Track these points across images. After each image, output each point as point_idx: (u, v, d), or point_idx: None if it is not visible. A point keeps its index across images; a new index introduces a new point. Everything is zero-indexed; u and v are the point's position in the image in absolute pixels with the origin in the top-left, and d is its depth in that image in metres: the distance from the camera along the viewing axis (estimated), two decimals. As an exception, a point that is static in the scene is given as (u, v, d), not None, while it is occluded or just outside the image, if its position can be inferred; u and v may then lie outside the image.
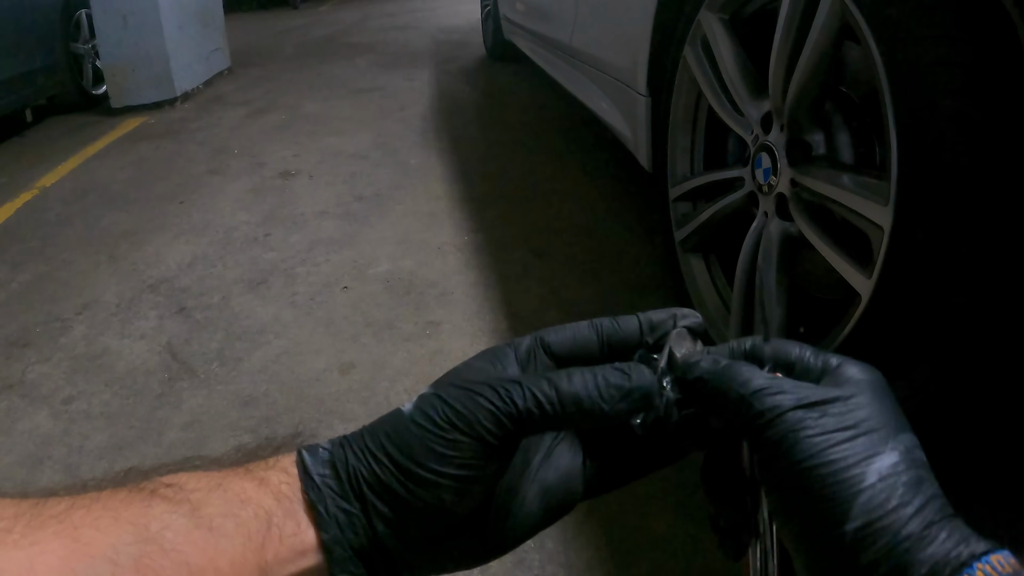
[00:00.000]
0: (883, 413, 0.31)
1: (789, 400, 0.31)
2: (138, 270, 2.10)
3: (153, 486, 0.32)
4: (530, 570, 1.03)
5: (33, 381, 1.61)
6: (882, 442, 0.30)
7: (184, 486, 0.32)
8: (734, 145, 1.37)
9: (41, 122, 4.00)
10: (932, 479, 0.30)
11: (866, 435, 0.30)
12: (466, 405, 0.33)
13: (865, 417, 0.31)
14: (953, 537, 0.28)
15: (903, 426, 0.32)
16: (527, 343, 0.38)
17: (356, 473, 0.33)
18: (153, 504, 0.30)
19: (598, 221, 2.14)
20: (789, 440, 0.30)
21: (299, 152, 3.08)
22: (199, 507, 0.31)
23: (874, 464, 0.30)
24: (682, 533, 1.06)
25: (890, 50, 0.80)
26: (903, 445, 0.31)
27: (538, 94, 3.68)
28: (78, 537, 0.28)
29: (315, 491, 0.33)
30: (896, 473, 0.30)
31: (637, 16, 1.51)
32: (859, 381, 0.32)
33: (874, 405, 0.31)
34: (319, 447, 0.35)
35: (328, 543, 0.32)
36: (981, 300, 0.75)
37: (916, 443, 0.31)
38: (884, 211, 0.83)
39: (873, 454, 0.30)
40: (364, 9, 8.35)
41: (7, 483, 1.31)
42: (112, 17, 3.88)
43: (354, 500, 0.33)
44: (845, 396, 0.31)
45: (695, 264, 1.41)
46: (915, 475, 0.30)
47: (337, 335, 1.68)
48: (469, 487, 0.33)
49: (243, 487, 0.33)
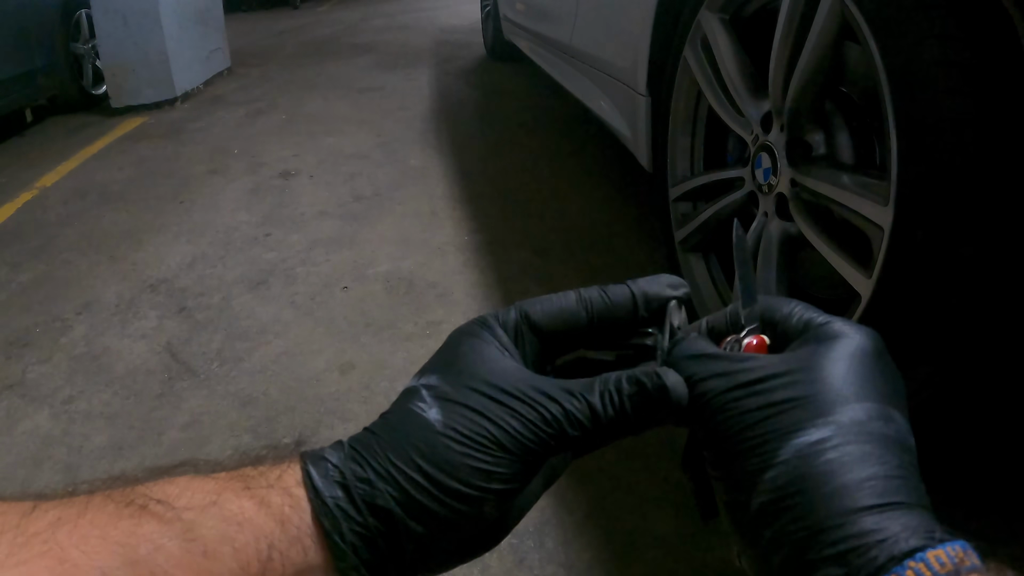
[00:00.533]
0: (839, 381, 0.29)
1: (721, 383, 0.31)
2: (138, 270, 2.10)
3: (142, 500, 0.30)
4: (530, 570, 1.03)
5: (33, 381, 1.61)
6: (813, 416, 0.28)
7: (175, 502, 0.30)
8: (734, 145, 1.37)
9: (41, 122, 4.00)
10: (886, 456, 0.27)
11: (795, 409, 0.29)
12: (511, 425, 0.32)
13: (802, 391, 0.29)
14: (879, 531, 0.25)
15: (865, 395, 0.29)
16: (512, 318, 0.37)
17: (384, 494, 0.31)
18: (142, 522, 0.29)
19: (598, 221, 2.14)
20: (713, 422, 0.31)
21: (299, 152, 3.08)
22: (192, 528, 0.29)
23: (794, 440, 0.28)
24: (682, 533, 1.06)
25: (890, 50, 0.80)
26: (846, 417, 0.28)
27: (538, 94, 3.68)
28: (65, 558, 0.27)
29: (330, 518, 0.31)
30: (821, 450, 0.27)
31: (637, 16, 1.51)
32: (835, 343, 0.31)
33: (828, 372, 0.29)
34: (326, 462, 0.32)
35: (344, 571, 0.31)
36: (981, 300, 0.75)
37: (878, 414, 0.28)
38: (884, 211, 0.83)
39: (796, 429, 0.28)
40: (364, 9, 8.34)
41: (7, 483, 1.31)
42: (112, 17, 3.88)
43: (372, 520, 0.31)
44: (787, 370, 0.30)
45: (695, 264, 1.41)
46: (854, 450, 0.27)
47: (337, 335, 1.68)
48: (511, 499, 0.33)
49: (240, 507, 0.30)
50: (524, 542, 1.07)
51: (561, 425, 0.32)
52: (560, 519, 1.11)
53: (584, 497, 1.14)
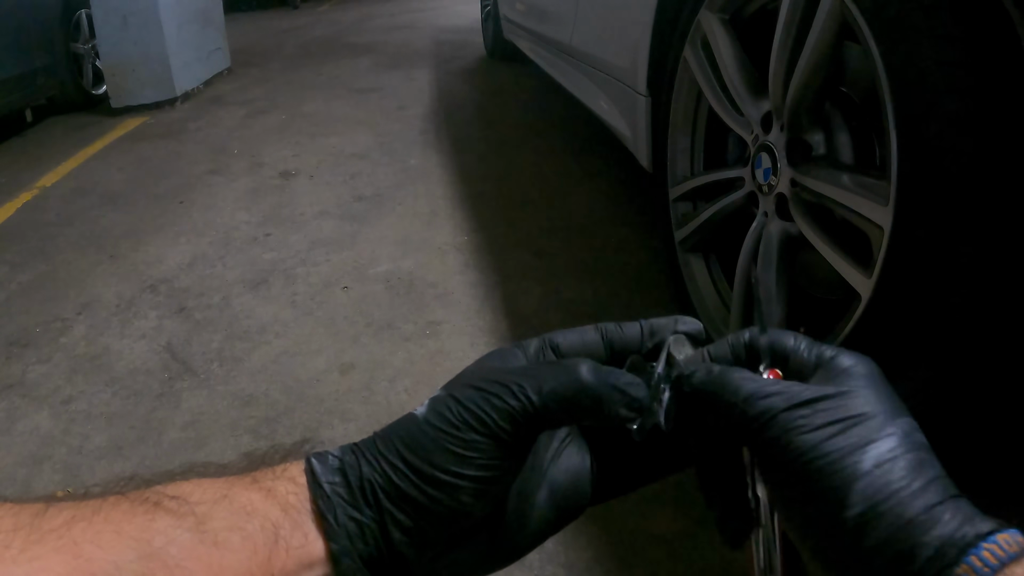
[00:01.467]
0: (877, 401, 0.32)
1: (780, 401, 0.32)
2: (138, 270, 2.10)
3: (156, 498, 0.30)
4: (530, 570, 1.03)
5: (33, 381, 1.61)
6: (877, 429, 0.31)
7: (188, 498, 0.31)
8: (734, 145, 1.37)
9: (41, 122, 4.00)
10: (934, 460, 0.31)
11: (859, 425, 0.31)
12: (480, 405, 0.32)
13: (858, 408, 0.31)
14: (957, 517, 0.28)
15: (899, 411, 0.32)
16: (535, 344, 0.38)
17: (371, 481, 0.32)
18: (156, 517, 0.29)
19: (598, 221, 2.14)
20: (784, 440, 0.31)
21: (299, 152, 3.08)
22: (204, 520, 0.30)
23: (870, 451, 0.30)
24: (682, 533, 1.06)
25: (890, 50, 0.80)
26: (900, 430, 0.31)
27: (538, 94, 3.68)
28: (79, 553, 0.27)
29: (325, 500, 0.32)
30: (893, 458, 0.30)
31: (637, 16, 1.51)
32: (852, 372, 0.33)
33: (867, 395, 0.32)
34: (328, 454, 0.34)
35: (337, 554, 0.31)
36: (981, 300, 0.75)
37: (914, 427, 0.32)
38: (884, 211, 0.83)
39: (868, 442, 0.30)
40: (364, 9, 8.34)
41: (7, 483, 1.31)
42: (112, 17, 3.88)
43: (366, 508, 0.32)
44: (836, 392, 0.32)
45: (695, 264, 1.41)
46: (915, 457, 0.30)
47: (337, 335, 1.68)
48: (488, 487, 0.33)
49: (249, 498, 0.32)
50: (524, 542, 1.07)
51: (531, 400, 0.32)
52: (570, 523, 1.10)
53: (584, 497, 1.14)
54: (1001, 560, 0.26)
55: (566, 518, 0.38)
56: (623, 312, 1.65)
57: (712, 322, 1.32)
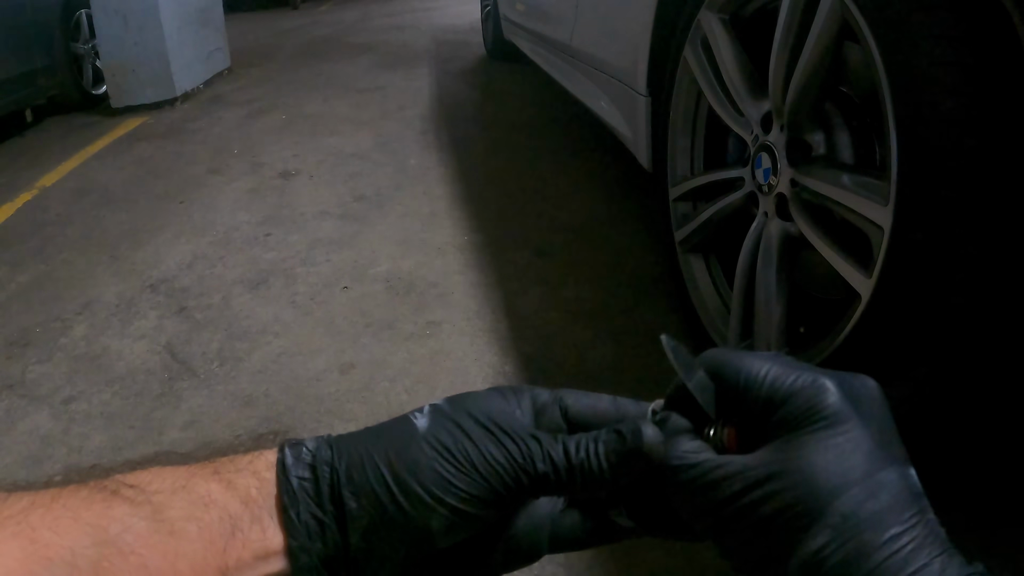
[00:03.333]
0: (818, 478, 0.28)
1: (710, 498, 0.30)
2: (138, 270, 2.10)
3: (115, 486, 0.31)
4: (530, 570, 1.03)
5: (33, 381, 1.61)
6: (807, 524, 0.27)
7: (147, 487, 0.31)
8: (734, 145, 1.37)
9: (41, 122, 4.00)
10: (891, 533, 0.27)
11: (787, 521, 0.28)
12: (489, 449, 0.32)
13: (789, 500, 0.28)
14: None
15: (848, 482, 0.28)
16: (546, 397, 0.37)
17: (345, 475, 0.32)
18: (113, 505, 0.30)
19: (598, 221, 2.14)
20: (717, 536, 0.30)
21: (299, 152, 3.08)
22: (161, 509, 0.30)
23: (796, 554, 0.27)
24: (682, 533, 1.06)
25: (890, 50, 0.80)
26: (838, 515, 0.27)
27: (538, 94, 3.68)
28: (36, 539, 0.28)
29: (290, 495, 0.32)
30: (823, 559, 0.27)
31: (637, 16, 1.51)
32: (808, 426, 0.29)
33: (808, 470, 0.28)
34: (303, 446, 0.34)
35: (295, 550, 0.31)
36: (980, 300, 0.75)
37: (866, 493, 0.27)
38: (884, 211, 0.83)
39: (793, 543, 0.27)
40: (364, 9, 8.34)
41: (7, 483, 1.31)
42: (112, 17, 3.88)
43: (329, 506, 0.32)
44: (767, 475, 0.29)
45: (695, 264, 1.41)
46: (853, 548, 0.26)
47: (337, 335, 1.68)
48: (460, 522, 0.32)
49: (208, 489, 0.31)
50: (524, 542, 1.07)
51: (533, 459, 0.32)
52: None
53: (584, 497, 1.14)
54: None
55: (514, 566, 0.38)
56: (623, 312, 1.65)
57: (712, 322, 1.33)
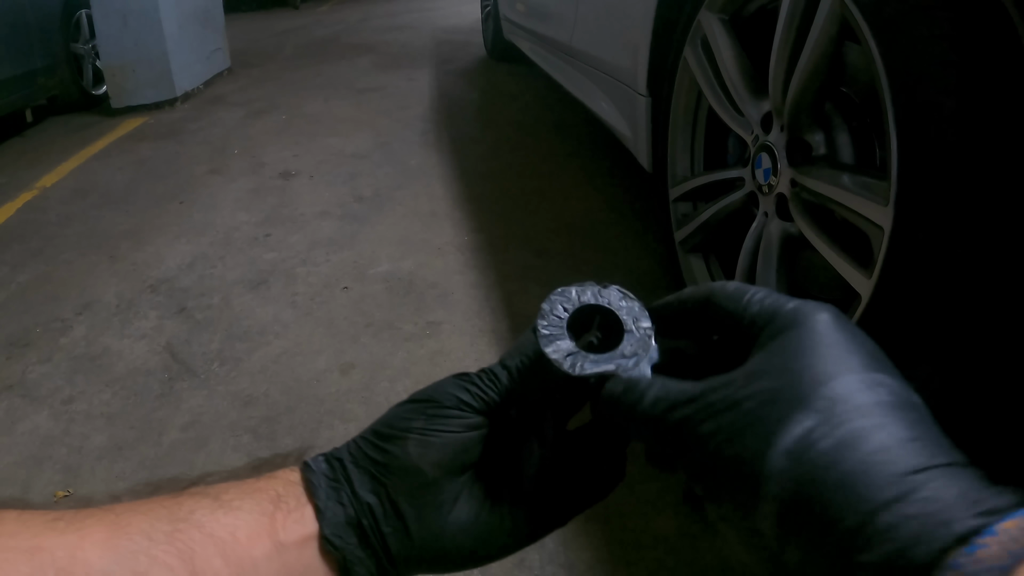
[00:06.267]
0: (804, 367, 0.26)
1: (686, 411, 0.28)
2: (138, 270, 2.10)
3: (176, 493, 0.36)
4: (530, 570, 1.03)
5: (33, 381, 1.61)
6: (792, 404, 0.25)
7: (207, 489, 0.37)
8: (734, 145, 1.37)
9: (41, 122, 4.00)
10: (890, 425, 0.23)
11: (767, 402, 0.25)
12: (446, 385, 0.38)
13: (767, 383, 0.26)
14: (910, 520, 0.21)
15: (839, 370, 0.25)
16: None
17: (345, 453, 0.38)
18: (182, 498, 0.36)
19: (598, 221, 2.14)
20: (688, 448, 0.28)
21: (299, 152, 3.08)
22: (220, 495, 0.36)
23: (781, 438, 0.24)
24: (682, 533, 1.06)
25: (890, 50, 0.80)
26: (827, 399, 0.24)
27: (538, 94, 3.68)
28: (118, 521, 0.33)
29: (310, 472, 0.38)
30: (811, 443, 0.24)
31: (637, 16, 1.52)
32: (786, 332, 0.28)
33: (791, 362, 0.26)
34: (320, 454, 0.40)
35: (320, 506, 0.36)
36: (981, 300, 0.75)
37: (862, 384, 0.25)
38: (884, 211, 0.83)
39: (779, 424, 0.24)
40: (364, 9, 8.35)
41: (8, 483, 1.31)
42: (112, 17, 3.88)
43: (342, 479, 0.37)
44: (745, 373, 0.27)
45: (695, 264, 1.41)
46: (846, 432, 0.23)
47: (337, 335, 1.68)
48: (431, 438, 0.36)
49: (256, 483, 0.38)
50: (524, 542, 1.07)
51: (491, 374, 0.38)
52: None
53: (584, 497, 1.14)
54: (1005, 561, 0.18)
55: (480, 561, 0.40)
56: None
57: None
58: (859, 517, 0.22)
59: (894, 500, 0.22)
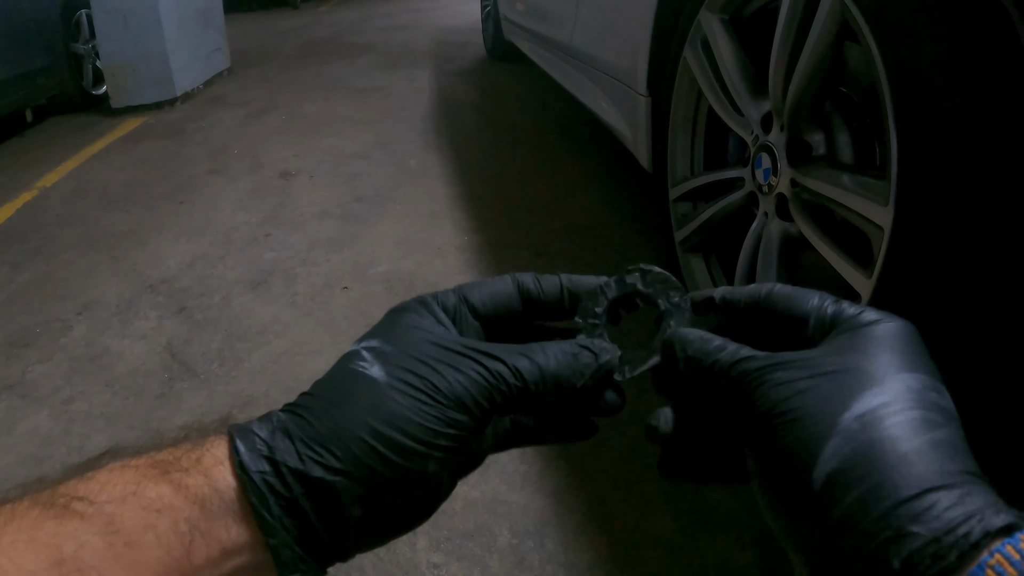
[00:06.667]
0: (883, 356, 0.27)
1: (763, 362, 0.29)
2: (138, 270, 2.10)
3: (65, 500, 0.30)
4: (530, 570, 1.03)
5: (33, 381, 1.61)
6: (870, 381, 0.26)
7: (95, 498, 0.30)
8: (734, 145, 1.37)
9: (41, 122, 4.00)
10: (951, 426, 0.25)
11: (847, 379, 0.26)
12: (458, 380, 0.32)
13: (852, 364, 0.27)
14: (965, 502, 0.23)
15: (912, 367, 0.27)
16: (452, 300, 0.37)
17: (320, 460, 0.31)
18: (66, 522, 0.29)
19: (598, 221, 2.14)
20: (758, 397, 0.28)
21: (299, 152, 3.08)
22: (113, 521, 0.29)
23: (854, 404, 0.25)
24: (682, 533, 1.06)
25: (890, 50, 0.80)
26: (903, 384, 0.26)
27: (538, 94, 3.68)
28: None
29: (257, 494, 0.30)
30: (883, 415, 0.25)
31: (637, 16, 1.52)
32: (870, 327, 0.29)
33: (872, 350, 0.28)
34: (255, 436, 0.32)
35: (275, 547, 0.30)
36: (981, 300, 0.75)
37: (932, 385, 0.27)
38: (884, 211, 0.83)
39: (854, 393, 0.26)
40: (364, 9, 8.34)
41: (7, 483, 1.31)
42: (112, 17, 3.88)
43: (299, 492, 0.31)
44: (828, 351, 0.28)
45: (695, 264, 1.41)
46: (919, 416, 0.25)
47: (337, 335, 1.68)
48: (454, 457, 0.32)
49: (159, 493, 0.30)
50: (524, 542, 1.07)
51: (506, 382, 0.32)
52: (560, 519, 1.11)
53: (584, 497, 1.14)
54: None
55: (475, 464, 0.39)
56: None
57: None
58: (915, 491, 0.23)
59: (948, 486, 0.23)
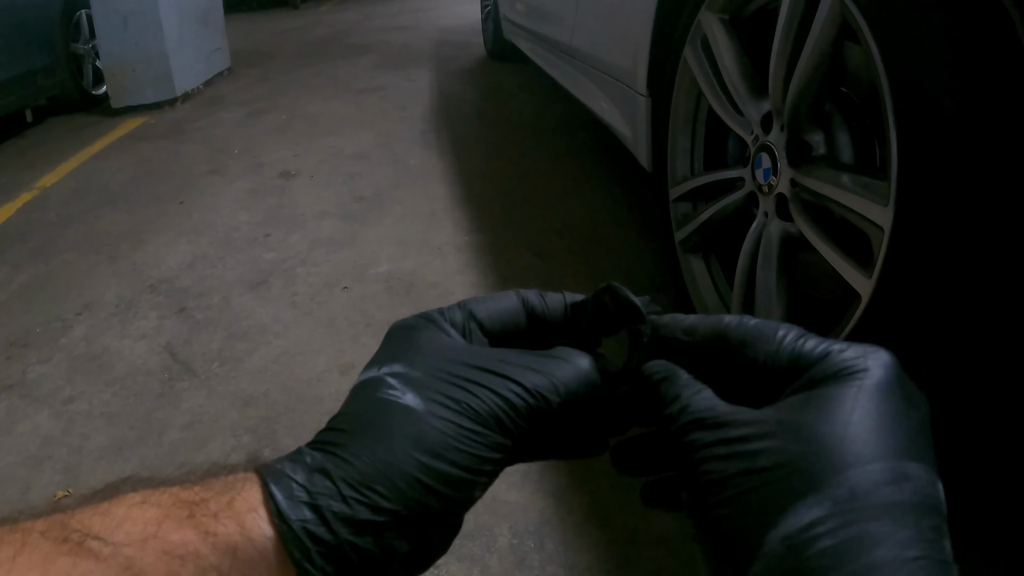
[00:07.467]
0: (831, 444, 0.24)
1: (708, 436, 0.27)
2: (138, 270, 2.10)
3: (79, 537, 0.27)
4: (531, 570, 1.03)
5: (33, 381, 1.61)
6: (805, 490, 0.23)
7: (112, 537, 0.27)
8: (734, 145, 1.37)
9: (41, 122, 4.00)
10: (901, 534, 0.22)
11: (782, 481, 0.24)
12: (492, 399, 0.31)
13: (790, 457, 0.24)
14: None
15: (868, 454, 0.24)
16: (460, 316, 0.37)
17: (366, 502, 0.29)
18: (80, 562, 0.26)
19: (598, 221, 2.14)
20: (693, 464, 0.27)
21: (299, 152, 3.08)
22: (131, 566, 0.27)
23: (783, 521, 0.23)
24: (682, 533, 1.06)
25: (890, 50, 0.80)
26: (846, 488, 0.23)
27: (538, 94, 3.68)
28: None
29: (298, 545, 0.28)
30: (812, 538, 0.22)
31: (637, 16, 1.52)
32: (829, 389, 0.26)
33: (820, 431, 0.24)
34: (289, 479, 0.30)
35: None
36: (981, 301, 0.75)
37: (887, 476, 0.23)
38: (884, 211, 0.83)
39: (781, 510, 0.23)
40: (364, 9, 8.35)
41: (7, 483, 1.31)
42: (112, 17, 3.88)
43: (347, 539, 0.29)
44: (774, 428, 0.25)
45: (695, 264, 1.41)
46: (852, 534, 0.22)
47: (337, 335, 1.68)
48: (493, 479, 0.32)
49: (183, 539, 0.28)
50: (524, 542, 1.07)
51: (543, 394, 0.31)
52: (560, 519, 1.10)
53: (584, 497, 1.14)
54: None
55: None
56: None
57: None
58: None
59: None
